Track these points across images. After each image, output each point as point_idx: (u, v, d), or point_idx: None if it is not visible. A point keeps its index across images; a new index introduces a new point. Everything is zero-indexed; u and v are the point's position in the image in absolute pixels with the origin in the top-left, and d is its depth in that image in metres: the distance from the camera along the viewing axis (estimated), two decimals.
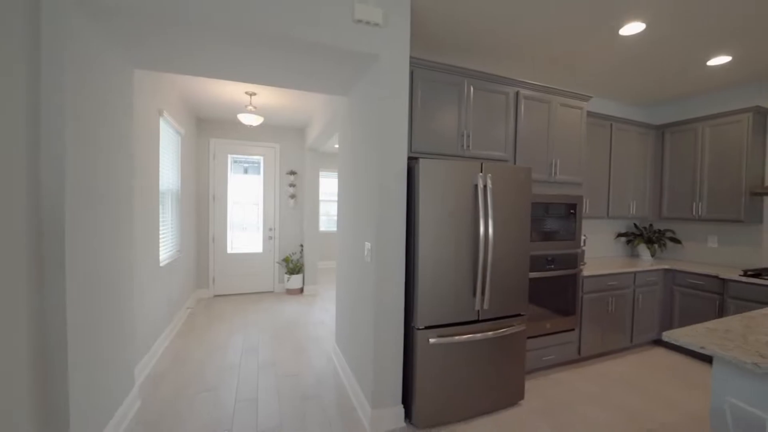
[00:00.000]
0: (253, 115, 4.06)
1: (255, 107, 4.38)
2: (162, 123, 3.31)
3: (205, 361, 3.07)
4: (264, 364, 3.05)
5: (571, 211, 2.94)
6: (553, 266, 2.85)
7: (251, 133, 5.41)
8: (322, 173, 7.54)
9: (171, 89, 3.61)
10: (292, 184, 5.65)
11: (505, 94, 2.68)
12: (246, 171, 5.62)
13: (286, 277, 5.45)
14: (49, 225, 1.62)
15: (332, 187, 7.90)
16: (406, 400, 2.27)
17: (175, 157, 3.92)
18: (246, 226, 5.57)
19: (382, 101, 2.15)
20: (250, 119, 4.08)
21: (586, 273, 3.08)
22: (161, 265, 3.30)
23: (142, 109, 2.78)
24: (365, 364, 2.32)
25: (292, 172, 5.62)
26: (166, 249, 3.50)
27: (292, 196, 5.62)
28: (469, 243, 2.25)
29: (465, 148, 2.54)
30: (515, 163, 2.75)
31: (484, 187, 2.25)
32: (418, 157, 2.37)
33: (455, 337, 2.20)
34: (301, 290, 5.55)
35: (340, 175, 3.20)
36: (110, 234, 2.04)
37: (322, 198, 7.61)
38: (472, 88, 2.54)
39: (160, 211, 3.28)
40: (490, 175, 2.27)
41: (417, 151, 2.40)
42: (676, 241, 3.89)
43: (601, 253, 4.12)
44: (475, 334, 2.25)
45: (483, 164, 2.26)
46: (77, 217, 1.72)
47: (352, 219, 2.73)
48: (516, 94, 2.73)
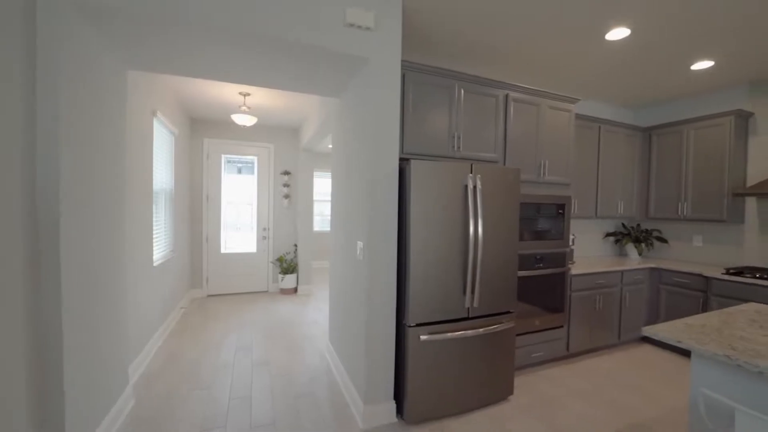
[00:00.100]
0: (246, 116, 4.08)
1: (249, 107, 4.39)
2: (156, 123, 3.32)
3: (199, 360, 3.09)
4: (258, 363, 3.07)
5: (560, 211, 3.01)
6: (542, 265, 2.91)
7: (245, 133, 5.42)
8: (316, 173, 7.55)
9: (165, 90, 3.62)
10: (286, 184, 5.66)
11: (495, 96, 2.73)
12: (240, 171, 5.63)
13: (280, 276, 5.46)
14: (44, 226, 1.64)
15: (326, 187, 7.91)
16: (398, 395, 2.31)
17: (169, 157, 3.92)
18: (240, 226, 5.57)
19: (374, 103, 2.19)
20: (244, 119, 4.10)
21: (574, 271, 3.15)
22: (155, 264, 3.31)
23: (136, 110, 2.79)
24: (358, 361, 2.36)
25: (286, 172, 5.64)
26: (159, 249, 3.51)
27: (286, 196, 5.64)
28: (459, 242, 2.30)
29: (455, 149, 2.59)
30: (505, 164, 2.80)
31: (474, 188, 2.30)
32: (409, 158, 2.42)
33: (446, 334, 2.24)
34: (295, 290, 5.56)
35: (333, 175, 3.24)
36: (104, 234, 2.06)
37: (316, 198, 7.62)
38: (463, 91, 2.60)
39: (154, 211, 3.29)
40: (479, 175, 2.32)
41: (408, 152, 2.44)
42: (663, 241, 3.98)
43: (590, 252, 4.21)
44: (465, 331, 2.30)
45: (473, 165, 2.31)
46: (72, 217, 1.74)
47: (345, 218, 2.77)
48: (505, 97, 2.78)
